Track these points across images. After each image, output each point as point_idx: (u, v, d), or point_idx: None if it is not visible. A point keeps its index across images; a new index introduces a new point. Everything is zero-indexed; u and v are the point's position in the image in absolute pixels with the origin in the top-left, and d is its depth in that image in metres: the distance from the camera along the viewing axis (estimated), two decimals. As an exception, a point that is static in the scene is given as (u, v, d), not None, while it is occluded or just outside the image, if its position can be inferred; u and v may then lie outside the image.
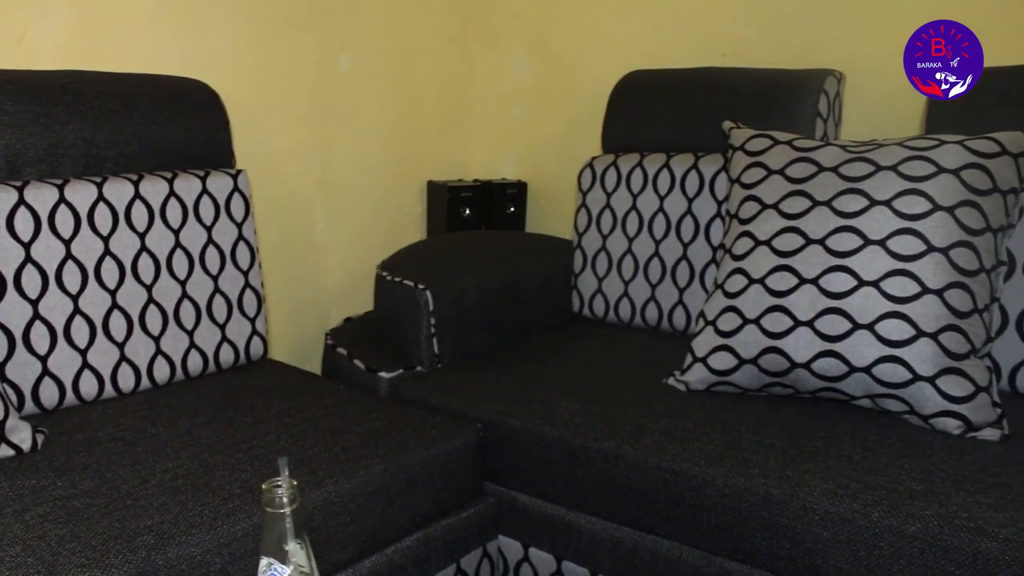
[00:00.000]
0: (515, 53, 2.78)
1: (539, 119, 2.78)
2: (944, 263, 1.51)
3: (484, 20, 2.81)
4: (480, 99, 2.88)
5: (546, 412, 1.64)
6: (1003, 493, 1.29)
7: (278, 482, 0.86)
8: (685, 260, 2.02)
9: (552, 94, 2.74)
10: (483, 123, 2.89)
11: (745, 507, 1.38)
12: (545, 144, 2.78)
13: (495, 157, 2.89)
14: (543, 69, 2.74)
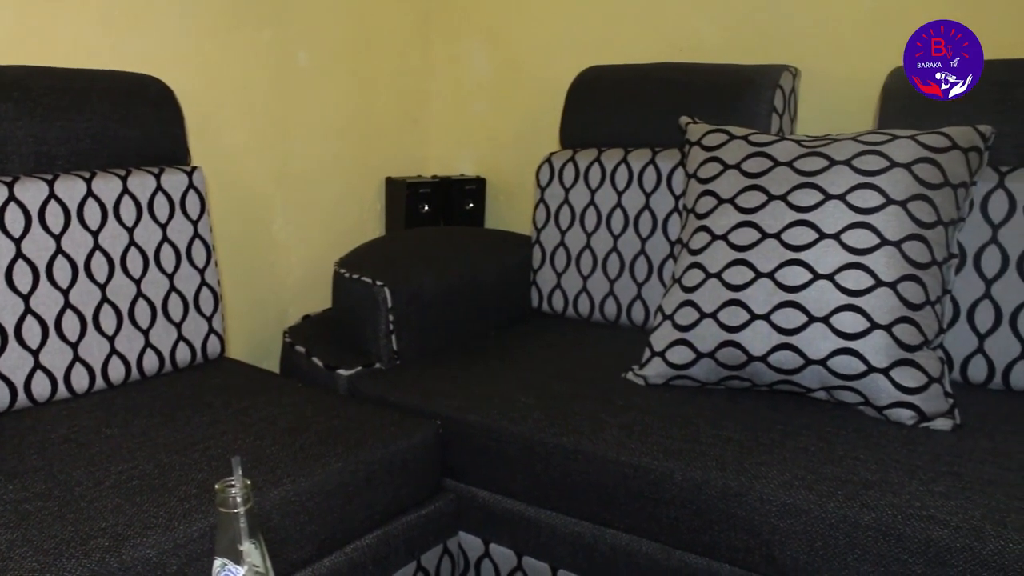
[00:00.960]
0: (474, 49, 2.77)
1: (498, 115, 2.78)
2: (897, 256, 1.53)
3: (443, 15, 2.80)
4: (439, 95, 2.87)
5: (505, 408, 1.64)
6: (954, 482, 1.31)
7: (231, 482, 0.85)
8: (643, 255, 2.03)
9: (510, 90, 2.74)
10: (442, 119, 2.88)
11: (703, 500, 1.39)
12: (504, 140, 2.78)
13: (454, 153, 2.88)
14: (501, 65, 2.74)
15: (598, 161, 2.12)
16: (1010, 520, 1.20)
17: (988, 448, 1.42)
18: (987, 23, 1.88)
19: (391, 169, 2.76)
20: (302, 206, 2.51)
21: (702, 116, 1.97)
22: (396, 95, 2.76)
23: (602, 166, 2.11)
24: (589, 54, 2.47)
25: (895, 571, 1.25)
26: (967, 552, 1.19)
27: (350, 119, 2.61)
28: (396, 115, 2.78)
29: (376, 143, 2.71)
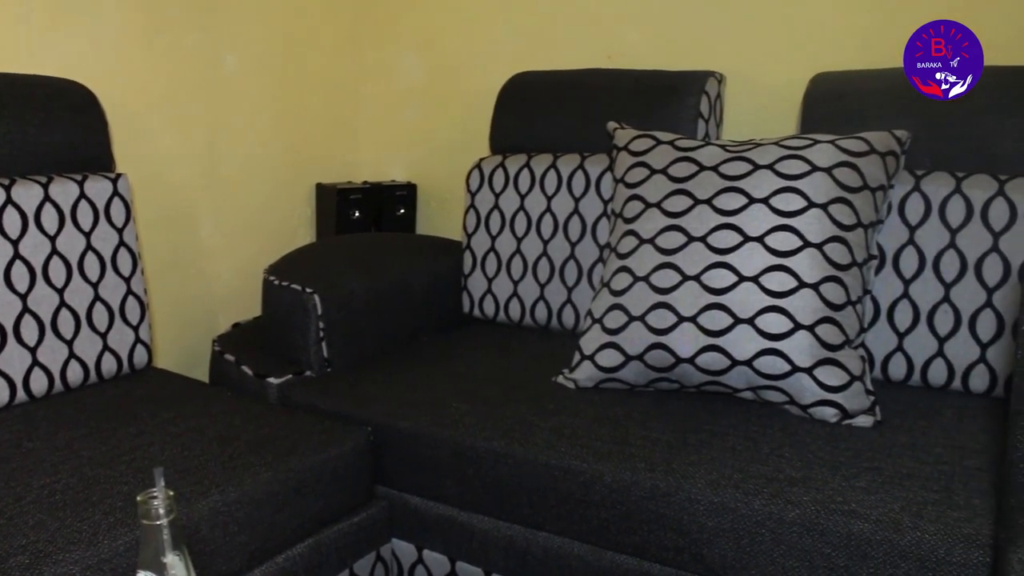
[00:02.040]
0: (404, 54, 2.77)
1: (429, 120, 2.78)
2: (819, 258, 1.56)
3: (373, 20, 2.79)
4: (369, 100, 2.86)
5: (436, 413, 1.64)
6: (875, 476, 1.34)
7: (154, 493, 0.84)
8: (573, 259, 2.05)
9: (441, 95, 2.74)
10: (373, 124, 2.87)
11: (633, 501, 1.40)
12: (435, 145, 2.78)
13: (385, 159, 2.87)
14: (432, 70, 2.74)
15: (527, 166, 2.14)
16: (926, 512, 1.24)
17: (907, 443, 1.46)
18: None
19: (322, 175, 2.74)
20: (231, 213, 2.48)
21: (630, 121, 2.00)
22: (326, 100, 2.75)
23: (531, 171, 2.13)
24: (519, 60, 2.48)
25: (819, 565, 1.28)
26: (886, 544, 1.23)
27: (280, 124, 2.59)
28: (327, 120, 2.76)
29: (306, 148, 2.69)
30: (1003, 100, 1.71)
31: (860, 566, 1.25)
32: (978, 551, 1.18)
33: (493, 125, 2.30)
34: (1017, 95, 1.71)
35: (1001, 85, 1.73)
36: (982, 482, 1.33)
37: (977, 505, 1.26)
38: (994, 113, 1.71)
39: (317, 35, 2.67)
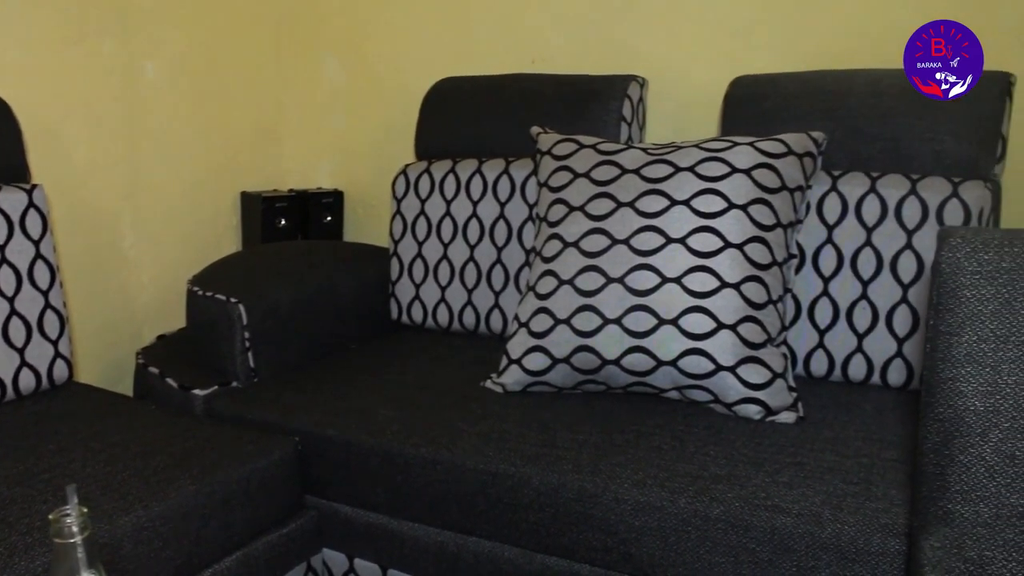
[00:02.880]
0: (328, 60, 2.75)
1: (354, 127, 2.76)
2: (740, 258, 1.59)
3: (296, 26, 2.77)
4: (294, 107, 2.84)
5: (364, 421, 1.63)
6: (797, 472, 1.37)
7: (66, 511, 0.82)
8: (499, 264, 2.05)
9: (366, 101, 2.72)
10: (297, 131, 2.85)
11: (561, 503, 1.41)
12: (361, 152, 2.76)
13: (311, 166, 2.85)
14: (357, 76, 2.72)
15: (453, 172, 2.14)
16: (846, 504, 1.27)
17: (828, 438, 1.49)
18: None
19: (246, 183, 2.71)
20: (154, 223, 2.44)
21: (554, 126, 2.01)
22: (250, 107, 2.72)
23: (457, 177, 2.13)
24: (444, 65, 2.48)
25: (744, 560, 1.30)
26: (808, 537, 1.25)
27: (202, 132, 2.55)
28: (251, 128, 2.73)
29: (230, 157, 2.66)
30: (914, 102, 1.75)
31: (783, 559, 1.27)
32: (895, 540, 1.21)
33: (418, 131, 2.29)
34: (926, 97, 1.75)
35: (911, 87, 1.77)
36: (899, 473, 1.36)
37: (894, 496, 1.30)
38: (905, 115, 1.76)
39: (240, 41, 2.64)
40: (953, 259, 0.97)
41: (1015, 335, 0.94)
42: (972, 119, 1.72)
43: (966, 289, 0.96)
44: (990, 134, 1.72)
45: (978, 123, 1.72)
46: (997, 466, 0.97)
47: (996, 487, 0.97)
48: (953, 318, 0.97)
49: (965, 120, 1.72)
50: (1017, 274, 0.94)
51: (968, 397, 0.97)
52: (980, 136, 1.72)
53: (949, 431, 0.99)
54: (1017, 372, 0.95)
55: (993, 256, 0.95)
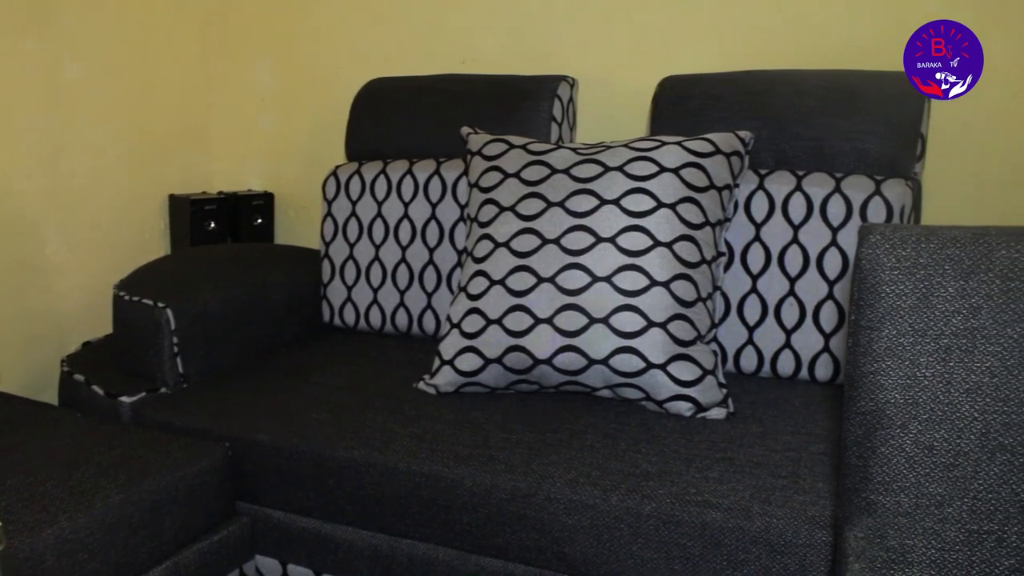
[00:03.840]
0: (257, 60, 2.72)
1: (284, 128, 2.73)
2: (669, 256, 1.60)
3: (224, 26, 2.73)
4: (222, 108, 2.80)
5: (295, 425, 1.62)
6: (727, 467, 1.38)
7: (-19, 522, 0.80)
8: (432, 265, 2.05)
9: (296, 102, 2.70)
10: (226, 133, 2.81)
11: (494, 503, 1.41)
12: (291, 153, 2.73)
13: (240, 168, 2.81)
14: (286, 77, 2.70)
15: (384, 173, 2.13)
16: (774, 498, 1.29)
17: (758, 433, 1.51)
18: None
19: (174, 186, 2.66)
20: (79, 227, 2.39)
21: (485, 126, 2.01)
22: (177, 108, 2.67)
23: (388, 178, 2.11)
24: (374, 66, 2.47)
25: (675, 556, 1.31)
26: (738, 531, 1.27)
27: (129, 134, 2.50)
28: (178, 129, 2.69)
29: (158, 158, 2.61)
30: (836, 102, 1.79)
31: (714, 554, 1.29)
32: (821, 531, 1.23)
33: (348, 132, 2.28)
34: (848, 97, 1.79)
35: (833, 88, 1.81)
36: (826, 466, 1.38)
37: (821, 488, 1.32)
38: (828, 115, 1.79)
39: (166, 41, 2.60)
40: (872, 255, 0.98)
41: (932, 329, 0.96)
42: (893, 119, 1.76)
43: (885, 285, 0.98)
44: (910, 134, 1.76)
45: (898, 123, 1.76)
46: (916, 457, 0.99)
47: (916, 477, 0.99)
48: (873, 313, 0.99)
49: (886, 120, 1.76)
50: (933, 269, 0.96)
51: (888, 390, 0.99)
52: (900, 136, 1.76)
53: (871, 424, 1.01)
54: (934, 365, 0.97)
55: (911, 252, 0.97)
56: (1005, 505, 0.96)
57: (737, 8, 2.11)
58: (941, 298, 0.96)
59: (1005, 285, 0.93)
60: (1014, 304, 0.93)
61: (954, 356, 0.96)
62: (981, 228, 0.96)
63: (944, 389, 0.96)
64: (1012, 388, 0.94)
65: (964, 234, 0.97)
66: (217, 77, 2.78)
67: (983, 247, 0.94)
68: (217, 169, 2.82)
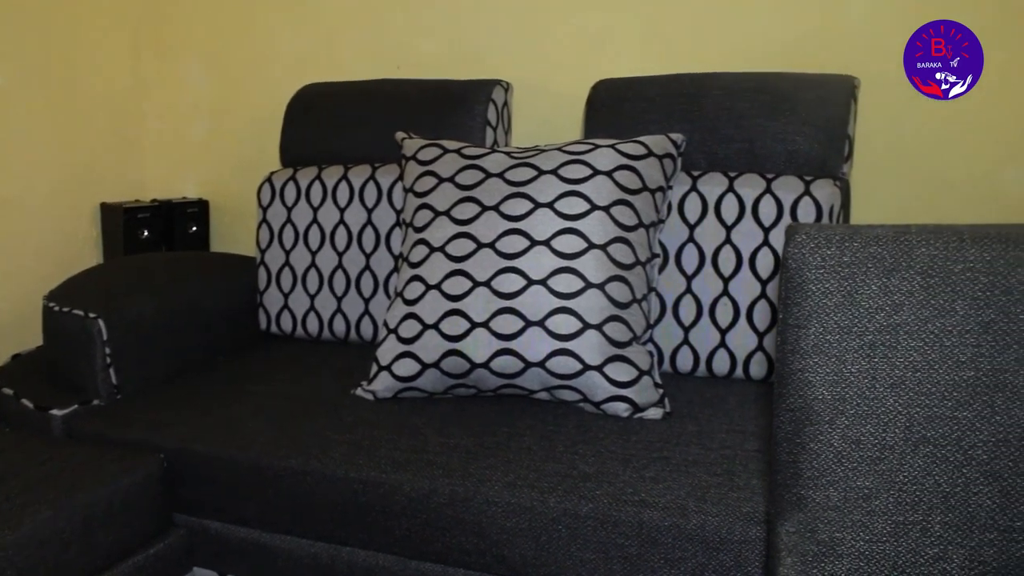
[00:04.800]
0: (191, 66, 2.69)
1: (219, 134, 2.70)
2: (604, 258, 1.61)
3: (156, 32, 2.69)
4: (155, 114, 2.76)
5: (232, 434, 1.60)
6: (663, 466, 1.40)
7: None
8: (368, 271, 2.04)
9: (231, 108, 2.67)
10: (159, 140, 2.77)
11: (433, 508, 1.41)
12: (226, 160, 2.70)
13: (174, 175, 2.78)
14: (221, 83, 2.67)
15: (319, 179, 2.11)
16: (710, 496, 1.31)
17: (694, 431, 1.53)
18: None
19: (106, 194, 2.62)
20: (7, 237, 2.34)
21: (420, 131, 2.01)
22: (108, 115, 2.63)
23: (323, 184, 2.10)
24: (308, 71, 2.45)
25: (614, 555, 1.32)
26: (674, 529, 1.28)
27: (58, 141, 2.46)
28: (109, 136, 2.64)
29: (88, 166, 2.57)
30: (766, 104, 1.82)
31: (651, 552, 1.30)
32: (755, 527, 1.25)
33: (283, 138, 2.26)
34: (778, 99, 1.82)
35: (764, 90, 1.84)
36: (760, 463, 1.40)
37: (755, 485, 1.34)
38: (759, 116, 1.82)
39: (96, 47, 2.55)
40: (798, 255, 1.00)
41: (857, 326, 0.98)
42: (821, 121, 1.79)
43: (811, 283, 1.00)
44: (838, 135, 1.79)
45: (826, 124, 1.79)
46: (844, 451, 1.01)
47: (844, 472, 1.01)
48: (800, 311, 1.01)
49: (814, 121, 1.79)
50: (858, 268, 0.98)
51: (816, 387, 1.01)
52: (828, 137, 1.79)
53: (800, 420, 1.03)
54: (860, 361, 0.99)
55: (835, 251, 0.99)
56: (928, 496, 0.98)
57: (670, 12, 2.13)
58: (865, 295, 0.98)
59: (925, 282, 0.95)
60: (934, 300, 0.95)
61: (878, 352, 0.98)
62: (902, 227, 0.98)
63: (869, 384, 0.98)
64: (934, 382, 0.96)
65: (886, 233, 0.99)
66: (150, 82, 2.74)
67: (904, 245, 0.96)
68: (150, 176, 2.79)
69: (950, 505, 0.98)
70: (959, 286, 0.94)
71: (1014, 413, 0.94)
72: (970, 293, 0.94)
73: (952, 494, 0.97)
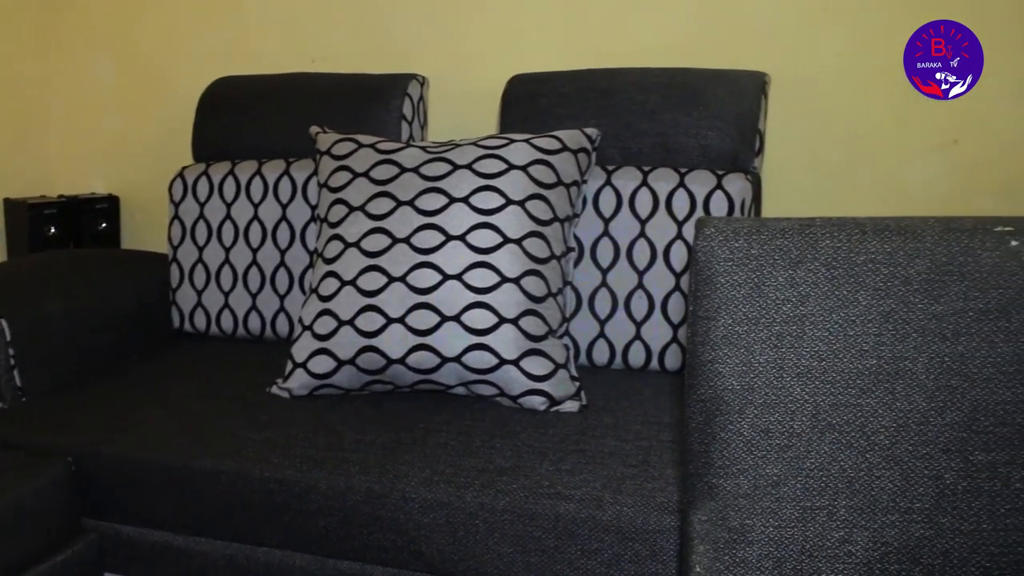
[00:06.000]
0: (98, 58, 2.62)
1: (129, 128, 2.64)
2: (519, 253, 1.62)
3: (61, 22, 2.62)
4: (61, 107, 2.68)
5: (144, 436, 1.57)
6: (579, 459, 1.41)
7: None
8: (283, 267, 2.01)
9: (141, 102, 2.61)
10: (65, 134, 2.69)
11: (349, 506, 1.40)
12: (137, 155, 2.64)
13: (82, 170, 2.70)
14: (130, 76, 2.61)
15: (232, 174, 2.08)
16: (625, 487, 1.32)
17: (610, 423, 1.54)
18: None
19: (9, 189, 2.54)
20: (-96, 236, 2.26)
21: (335, 126, 1.99)
22: (11, 107, 2.55)
23: (236, 179, 2.07)
24: (221, 64, 2.41)
25: (531, 548, 1.32)
26: (590, 521, 1.29)
27: (-44, 137, 2.38)
28: (12, 130, 2.56)
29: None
30: (679, 99, 1.84)
31: (568, 544, 1.31)
32: (670, 517, 1.27)
33: (195, 132, 2.22)
34: (691, 94, 1.84)
35: (677, 85, 1.86)
36: (675, 453, 1.43)
37: (670, 475, 1.36)
38: (671, 111, 1.84)
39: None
40: (708, 247, 1.01)
41: (765, 317, 1.00)
42: (732, 116, 1.82)
43: (720, 276, 1.01)
44: (749, 130, 1.83)
45: (737, 119, 1.82)
46: (754, 440, 1.02)
47: (753, 460, 1.03)
48: (710, 303, 1.02)
49: (726, 116, 1.82)
50: (764, 260, 1.00)
51: (726, 377, 1.02)
52: (740, 131, 1.82)
53: (711, 410, 1.04)
54: (768, 351, 1.00)
55: (743, 243, 1.01)
56: (834, 481, 1.01)
57: (586, 7, 2.14)
58: (772, 287, 0.99)
59: (830, 273, 0.98)
60: (838, 291, 0.97)
61: (785, 342, 1.00)
62: (807, 219, 1.01)
63: (777, 374, 1.00)
64: (839, 371, 0.98)
65: (792, 225, 1.01)
66: (55, 74, 2.66)
67: (809, 237, 0.98)
68: (57, 171, 2.71)
69: (854, 489, 1.00)
70: (861, 277, 0.96)
71: (913, 399, 0.96)
72: (872, 284, 0.96)
73: (856, 479, 1.00)
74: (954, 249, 0.91)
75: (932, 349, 0.95)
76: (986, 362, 0.92)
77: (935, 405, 0.96)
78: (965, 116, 1.94)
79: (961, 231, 0.91)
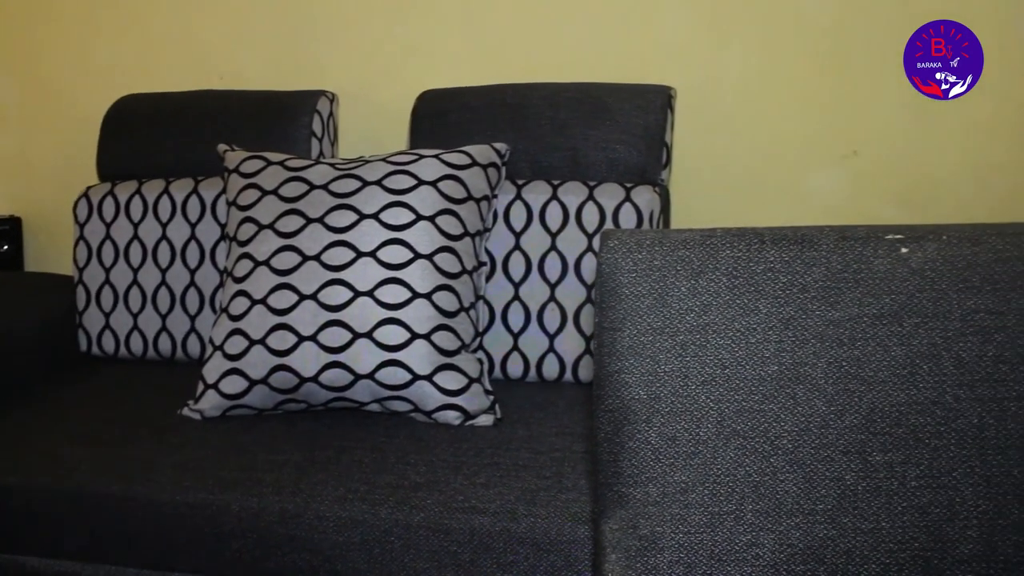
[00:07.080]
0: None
1: (30, 148, 2.57)
2: (430, 268, 1.62)
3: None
4: (-42, 128, 2.61)
5: (48, 463, 1.53)
6: (494, 472, 1.42)
7: None
8: (194, 287, 1.99)
9: (43, 121, 2.55)
10: (-37, 155, 2.62)
11: (263, 527, 1.38)
12: (40, 175, 2.58)
13: (-18, 191, 2.63)
14: (31, 93, 2.54)
15: (139, 193, 2.05)
16: (539, 498, 1.33)
17: (524, 436, 1.56)
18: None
19: (-95, 213, 2.46)
20: None
21: (244, 143, 1.97)
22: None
23: (144, 198, 2.04)
24: (126, 82, 2.37)
25: (447, 563, 1.33)
26: (505, 534, 1.30)
27: None
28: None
29: None
30: (588, 113, 1.87)
31: (483, 558, 1.31)
32: (583, 527, 1.28)
33: (100, 151, 2.18)
34: (599, 109, 1.87)
35: (585, 100, 1.89)
36: (588, 464, 1.44)
37: (583, 485, 1.37)
38: (581, 125, 1.87)
39: None
40: (612, 259, 1.03)
41: (669, 327, 1.02)
42: (639, 129, 1.85)
43: (624, 287, 1.03)
44: (655, 143, 1.86)
45: (644, 133, 1.86)
46: (661, 448, 1.04)
47: (661, 467, 1.05)
48: (615, 314, 1.04)
49: (633, 130, 1.86)
50: (668, 271, 1.02)
51: (632, 387, 1.04)
52: (647, 145, 1.86)
53: (618, 420, 1.06)
54: (673, 361, 1.03)
55: (646, 255, 1.03)
56: (740, 486, 1.03)
57: (495, 23, 2.16)
58: (675, 297, 1.02)
59: (731, 282, 1.00)
60: (739, 299, 1.00)
61: (689, 351, 1.02)
62: (709, 230, 1.03)
63: (682, 383, 1.02)
64: (742, 377, 1.01)
65: (693, 236, 1.03)
66: (-51, 94, 2.59)
67: (710, 248, 1.01)
68: (-45, 193, 2.63)
69: (760, 494, 1.03)
70: (761, 285, 0.99)
71: (813, 403, 0.99)
72: (771, 292, 0.99)
73: (761, 483, 1.02)
74: (848, 257, 0.94)
75: (830, 354, 0.98)
76: (881, 365, 0.95)
77: (834, 409, 0.99)
78: (865, 127, 2.01)
79: (855, 239, 0.94)
